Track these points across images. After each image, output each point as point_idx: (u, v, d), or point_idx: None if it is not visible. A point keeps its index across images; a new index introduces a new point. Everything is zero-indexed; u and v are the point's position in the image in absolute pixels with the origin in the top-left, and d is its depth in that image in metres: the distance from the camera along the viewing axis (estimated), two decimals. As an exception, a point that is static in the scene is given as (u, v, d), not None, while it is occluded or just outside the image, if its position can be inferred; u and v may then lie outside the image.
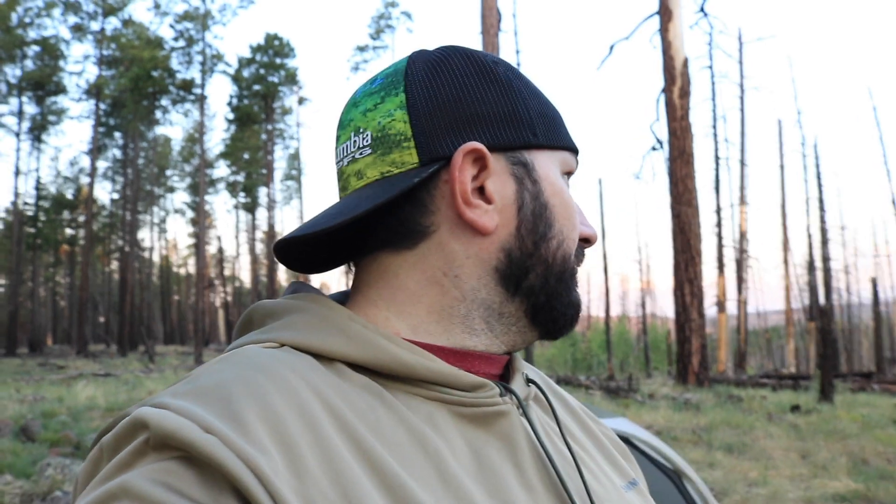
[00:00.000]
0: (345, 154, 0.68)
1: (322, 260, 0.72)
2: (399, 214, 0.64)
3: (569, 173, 0.71)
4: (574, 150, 0.71)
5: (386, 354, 0.59)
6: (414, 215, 0.64)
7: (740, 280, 30.40)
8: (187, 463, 0.46)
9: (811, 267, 28.15)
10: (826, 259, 27.17)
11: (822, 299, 24.70)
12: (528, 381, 0.70)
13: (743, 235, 30.38)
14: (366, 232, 0.67)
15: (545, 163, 0.67)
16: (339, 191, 0.70)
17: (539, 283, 0.65)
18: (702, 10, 18.81)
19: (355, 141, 0.66)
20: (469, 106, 0.64)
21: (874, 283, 23.51)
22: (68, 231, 50.02)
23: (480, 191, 0.64)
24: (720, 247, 29.11)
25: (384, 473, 0.51)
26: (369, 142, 0.65)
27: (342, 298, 0.71)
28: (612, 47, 18.62)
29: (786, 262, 33.34)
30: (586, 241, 0.71)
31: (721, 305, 27.82)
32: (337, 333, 0.60)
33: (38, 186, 43.29)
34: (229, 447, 0.46)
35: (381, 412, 0.56)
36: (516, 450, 0.61)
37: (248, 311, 0.67)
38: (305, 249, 0.70)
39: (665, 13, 15.79)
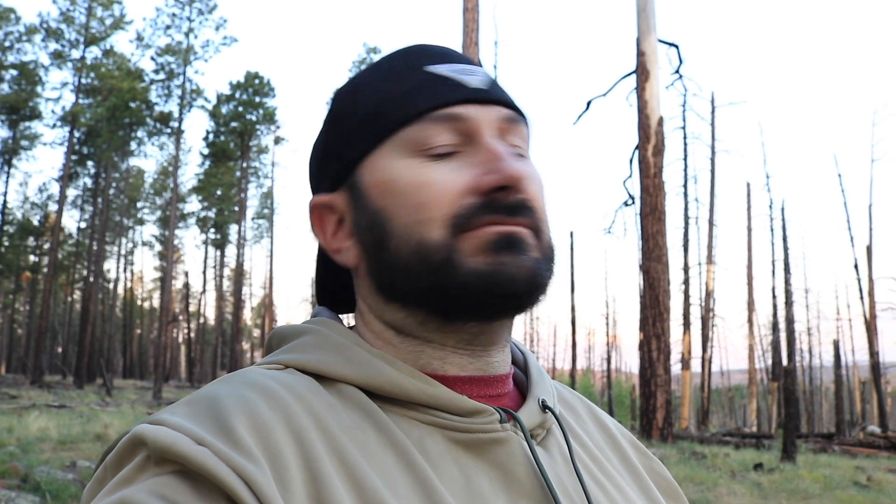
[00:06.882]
0: None
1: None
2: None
3: (429, 149, 0.61)
4: (423, 111, 0.61)
5: (381, 377, 0.59)
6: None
7: (705, 338, 30.66)
8: (183, 476, 0.48)
9: (775, 327, 28.54)
10: (790, 320, 27.58)
11: (784, 360, 25.00)
12: (545, 408, 0.66)
13: (709, 294, 30.74)
14: None
15: (378, 163, 0.63)
16: None
17: (411, 287, 0.61)
18: (677, 72, 19.30)
19: None
20: (316, 159, 0.70)
21: (836, 345, 23.86)
22: (32, 258, 49.10)
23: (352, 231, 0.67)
24: (686, 305, 29.39)
25: (364, 489, 0.52)
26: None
27: None
28: (588, 103, 18.95)
29: (750, 322, 33.76)
30: (499, 190, 0.59)
31: (686, 362, 27.97)
32: (336, 355, 0.61)
33: (4, 211, 42.47)
34: (221, 458, 0.48)
35: (370, 432, 0.56)
36: (510, 480, 0.59)
37: (269, 336, 0.70)
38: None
39: (642, 73, 16.16)
